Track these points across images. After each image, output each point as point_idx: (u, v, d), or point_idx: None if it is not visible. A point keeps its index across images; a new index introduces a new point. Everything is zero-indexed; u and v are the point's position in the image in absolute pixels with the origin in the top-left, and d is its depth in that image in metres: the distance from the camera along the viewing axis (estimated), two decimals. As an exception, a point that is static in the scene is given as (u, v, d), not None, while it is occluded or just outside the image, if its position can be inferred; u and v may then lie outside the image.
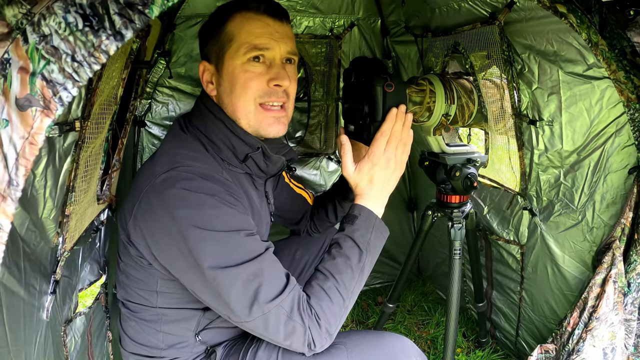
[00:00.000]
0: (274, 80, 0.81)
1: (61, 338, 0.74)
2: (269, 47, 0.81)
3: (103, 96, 0.76)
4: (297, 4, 1.48)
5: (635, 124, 0.97)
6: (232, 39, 0.81)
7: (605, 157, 1.06)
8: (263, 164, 0.85)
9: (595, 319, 1.08)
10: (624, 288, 1.07)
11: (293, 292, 0.73)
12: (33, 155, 0.44)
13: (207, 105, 0.84)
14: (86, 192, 0.79)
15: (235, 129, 0.81)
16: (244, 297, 0.69)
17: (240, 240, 0.71)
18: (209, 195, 0.71)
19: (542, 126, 1.18)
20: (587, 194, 1.13)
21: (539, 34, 1.07)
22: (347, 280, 0.78)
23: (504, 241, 1.43)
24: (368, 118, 1.07)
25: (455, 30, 1.30)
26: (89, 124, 0.71)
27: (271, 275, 0.73)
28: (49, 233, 0.69)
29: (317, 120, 1.70)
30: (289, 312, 0.71)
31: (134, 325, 0.84)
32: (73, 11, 0.44)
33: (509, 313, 1.50)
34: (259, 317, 0.70)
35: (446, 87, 1.18)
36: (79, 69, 0.43)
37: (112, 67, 0.75)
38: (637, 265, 1.06)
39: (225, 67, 0.81)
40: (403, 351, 0.85)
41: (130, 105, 0.96)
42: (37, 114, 0.44)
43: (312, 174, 1.77)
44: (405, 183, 1.96)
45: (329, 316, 0.75)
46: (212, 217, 0.69)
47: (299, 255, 1.27)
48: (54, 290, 0.69)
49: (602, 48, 0.90)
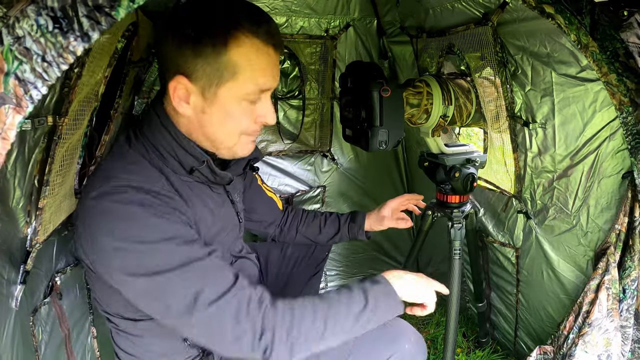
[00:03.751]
0: (264, 119, 0.78)
1: (29, 328, 0.75)
2: (271, 87, 0.77)
3: (82, 94, 0.77)
4: (293, 4, 1.49)
5: (627, 128, 0.95)
6: (236, 72, 0.71)
7: (599, 162, 1.04)
8: (211, 176, 0.82)
9: (588, 324, 1.06)
10: (618, 295, 1.05)
11: (241, 294, 0.70)
12: (5, 150, 0.46)
13: (157, 113, 0.78)
14: (61, 185, 0.80)
15: (181, 140, 0.77)
16: (183, 300, 0.67)
17: (173, 248, 0.69)
18: (139, 206, 0.68)
19: (536, 128, 1.17)
20: (581, 198, 1.11)
21: (532, 35, 1.06)
22: (338, 318, 0.75)
23: (499, 244, 1.42)
24: (365, 123, 1.08)
25: (449, 31, 1.29)
26: (66, 121, 0.72)
27: (213, 278, 0.70)
28: (19, 223, 0.70)
29: (312, 119, 1.71)
30: (236, 314, 0.69)
31: (124, 339, 0.84)
32: (44, 14, 0.45)
33: (507, 314, 1.49)
34: (201, 320, 0.68)
35: (443, 88, 1.17)
36: (49, 69, 0.45)
37: (94, 66, 0.77)
38: (632, 271, 1.04)
39: (218, 98, 0.73)
40: (402, 332, 0.87)
41: (115, 103, 0.98)
42: (9, 111, 0.46)
43: (307, 169, 1.78)
44: (404, 183, 1.96)
45: (301, 335, 0.72)
46: (142, 227, 0.67)
47: (290, 253, 1.28)
48: (23, 280, 0.70)
49: (593, 50, 0.88)
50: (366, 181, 1.88)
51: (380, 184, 1.91)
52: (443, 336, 1.55)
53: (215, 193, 0.87)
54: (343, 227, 1.24)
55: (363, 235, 1.25)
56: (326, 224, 1.25)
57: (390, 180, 1.93)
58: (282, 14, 1.50)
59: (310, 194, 1.80)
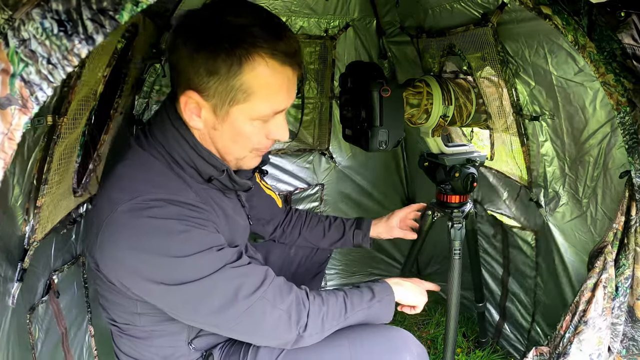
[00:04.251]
0: (276, 135, 0.77)
1: (26, 325, 0.75)
2: (286, 107, 0.75)
3: (81, 93, 0.77)
4: (292, 4, 1.49)
5: (625, 128, 0.95)
6: (249, 94, 0.68)
7: (604, 155, 1.06)
8: (229, 184, 0.81)
9: (584, 322, 1.07)
10: (613, 293, 1.06)
11: (274, 282, 0.76)
12: (11, 150, 0.47)
13: (172, 120, 0.75)
14: (59, 184, 0.80)
15: (200, 150, 0.75)
16: (224, 298, 0.70)
17: (213, 255, 0.71)
18: (179, 221, 0.68)
19: (545, 119, 1.17)
20: (590, 186, 1.12)
21: (531, 36, 1.06)
22: (355, 300, 0.85)
23: (519, 228, 1.42)
24: (365, 123, 1.08)
25: (449, 31, 1.30)
26: (65, 120, 0.73)
27: (249, 273, 0.74)
28: (17, 220, 0.70)
29: (311, 117, 1.72)
30: (273, 301, 0.74)
31: (126, 342, 0.85)
32: (49, 17, 0.46)
33: (525, 299, 1.49)
34: (244, 312, 0.72)
35: (443, 88, 1.18)
36: (54, 71, 0.46)
37: (93, 66, 0.77)
38: (626, 269, 1.06)
39: (230, 117, 0.71)
40: (404, 343, 0.87)
41: (114, 103, 0.98)
42: (15, 112, 0.47)
43: (305, 167, 1.78)
44: (402, 183, 1.97)
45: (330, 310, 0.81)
46: (184, 242, 0.68)
47: (293, 253, 1.29)
48: (20, 278, 0.70)
49: (590, 50, 0.89)
50: (365, 180, 1.89)
51: (378, 182, 1.92)
52: (443, 336, 1.56)
53: (227, 198, 0.87)
54: (348, 232, 1.25)
55: (367, 243, 1.27)
56: (330, 229, 1.26)
57: (390, 178, 1.94)
58: (281, 14, 1.50)
59: (309, 191, 1.81)
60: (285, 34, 0.69)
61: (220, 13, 0.67)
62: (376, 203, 1.92)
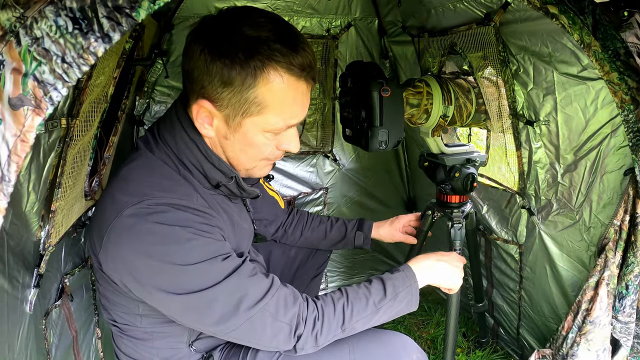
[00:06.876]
0: (287, 146, 0.77)
1: (42, 331, 0.75)
2: (299, 120, 0.74)
3: (93, 95, 0.76)
4: (294, 4, 1.49)
5: (629, 126, 0.96)
6: (263, 107, 0.68)
7: (602, 158, 1.06)
8: (237, 191, 0.81)
9: (590, 322, 1.07)
10: (615, 290, 1.07)
11: (278, 294, 0.74)
12: (24, 152, 0.46)
13: (183, 124, 0.74)
14: (73, 188, 0.80)
15: (209, 155, 0.74)
16: (225, 309, 0.70)
17: (218, 264, 0.70)
18: (184, 227, 0.67)
19: (540, 125, 1.18)
20: (584, 193, 1.13)
21: (534, 35, 1.07)
22: (357, 308, 0.80)
23: (502, 241, 1.43)
24: (365, 123, 1.08)
25: (451, 30, 1.31)
26: (77, 122, 0.72)
27: (253, 282, 0.73)
28: (32, 227, 0.70)
29: (314, 119, 1.71)
30: (274, 314, 0.72)
31: (127, 343, 0.84)
32: (63, 15, 0.45)
33: (510, 312, 1.51)
34: (244, 323, 0.71)
35: (443, 88, 1.18)
36: (69, 70, 0.45)
37: (103, 67, 0.76)
38: (635, 267, 1.06)
39: (242, 128, 0.71)
40: (404, 349, 0.86)
41: (122, 104, 0.97)
42: (28, 113, 0.46)
43: (309, 171, 1.78)
44: (404, 183, 1.97)
45: (324, 325, 0.77)
46: (189, 250, 0.67)
47: (294, 254, 1.28)
48: (37, 284, 0.70)
49: (595, 49, 0.90)
50: (367, 181, 1.88)
51: (381, 183, 1.92)
52: (443, 336, 1.56)
53: (233, 203, 0.87)
54: (349, 234, 1.25)
55: (368, 245, 1.27)
56: (332, 230, 1.26)
57: (391, 180, 1.94)
58: (284, 14, 1.50)
59: (313, 196, 1.80)
60: (301, 47, 0.68)
61: (237, 23, 0.66)
62: (378, 204, 1.93)
